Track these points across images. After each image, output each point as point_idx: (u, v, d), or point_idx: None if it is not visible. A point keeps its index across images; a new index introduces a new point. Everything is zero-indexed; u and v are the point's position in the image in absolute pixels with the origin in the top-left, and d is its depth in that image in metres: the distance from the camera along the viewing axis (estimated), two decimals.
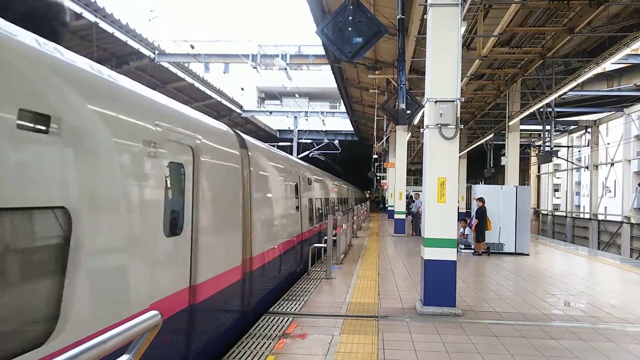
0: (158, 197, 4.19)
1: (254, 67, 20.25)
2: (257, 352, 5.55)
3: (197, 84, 24.25)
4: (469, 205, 31.11)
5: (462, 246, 15.30)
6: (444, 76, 7.64)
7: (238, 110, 31.16)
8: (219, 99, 27.64)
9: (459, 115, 7.53)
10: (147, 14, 35.32)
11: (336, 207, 21.29)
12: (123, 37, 16.93)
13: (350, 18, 7.19)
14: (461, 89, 8.10)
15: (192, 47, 18.92)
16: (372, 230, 23.72)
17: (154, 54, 19.39)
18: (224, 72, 25.24)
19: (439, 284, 7.40)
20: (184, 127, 4.86)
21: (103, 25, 15.48)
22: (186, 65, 22.43)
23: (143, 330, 2.34)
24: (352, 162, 54.76)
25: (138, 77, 20.27)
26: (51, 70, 3.07)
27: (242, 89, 29.29)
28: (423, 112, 9.44)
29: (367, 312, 7.46)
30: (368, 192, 79.00)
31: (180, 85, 23.74)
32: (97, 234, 3.32)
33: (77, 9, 14.18)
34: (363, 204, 34.98)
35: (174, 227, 4.52)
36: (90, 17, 14.76)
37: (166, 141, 4.37)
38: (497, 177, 36.00)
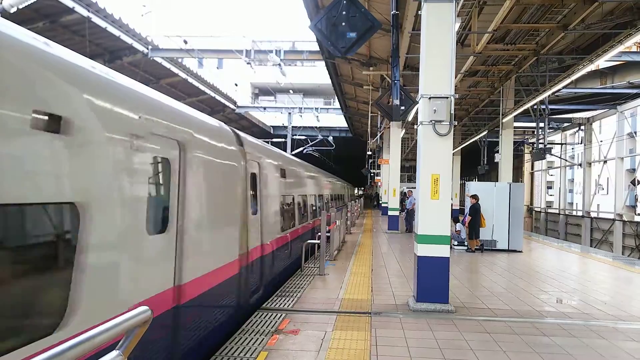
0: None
1: (248, 63, 20.16)
2: (250, 347, 5.53)
3: (190, 80, 24.09)
4: (462, 202, 31.19)
5: (455, 243, 15.31)
6: (438, 72, 7.59)
7: (232, 106, 31.03)
8: (212, 94, 27.50)
9: (453, 111, 7.50)
10: (140, 9, 35.05)
11: (329, 204, 21.16)
12: (116, 31, 16.78)
13: (343, 13, 7.14)
14: (455, 86, 8.07)
15: (185, 42, 18.78)
16: (365, 227, 23.72)
17: (147, 49, 19.23)
18: (218, 68, 25.28)
19: (431, 281, 7.39)
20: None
21: (96, 19, 15.32)
22: (180, 60, 22.31)
23: (133, 325, 2.31)
24: (346, 158, 54.69)
25: (131, 72, 20.15)
26: None
27: (236, 85, 29.18)
28: (417, 109, 9.44)
29: (360, 309, 7.43)
30: (362, 188, 79.17)
31: (174, 80, 23.61)
32: None
33: (70, 3, 14.04)
34: (357, 200, 34.94)
35: None
36: (83, 12, 14.62)
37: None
38: (490, 174, 36.12)
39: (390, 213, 22.00)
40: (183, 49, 19.41)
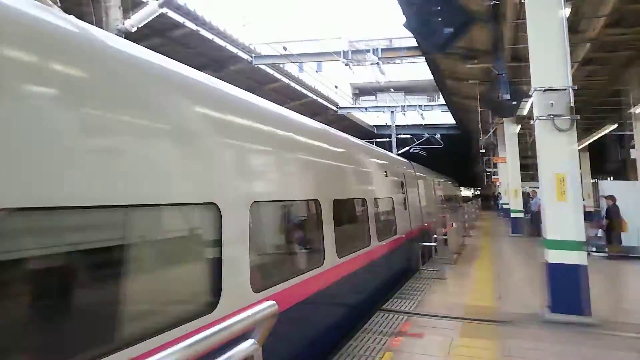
0: None
1: (346, 64, 20.11)
2: (374, 347, 5.63)
3: (292, 84, 24.62)
4: (597, 204, 28.85)
5: (594, 249, 13.93)
6: (549, 62, 7.05)
7: (334, 108, 31.23)
8: (314, 97, 27.88)
9: (573, 104, 6.88)
10: (240, 20, 36.37)
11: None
12: (222, 42, 17.56)
13: (438, 8, 6.89)
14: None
15: (285, 48, 19.18)
16: (485, 230, 22.78)
17: (251, 57, 19.87)
18: (317, 71, 25.47)
19: (567, 290, 6.75)
20: None
21: (203, 32, 16.13)
22: (281, 66, 22.78)
23: (263, 318, 2.63)
24: (457, 157, 52.51)
25: (237, 80, 20.83)
26: None
27: (336, 87, 29.27)
28: (531, 102, 8.78)
29: (486, 316, 7.06)
30: (478, 188, 75.82)
31: (277, 85, 24.21)
32: None
33: (180, 19, 14.83)
34: (474, 201, 33.39)
35: None
36: (192, 26, 15.41)
37: None
38: (625, 171, 33.11)
39: (512, 215, 20.84)
40: (283, 55, 19.81)
